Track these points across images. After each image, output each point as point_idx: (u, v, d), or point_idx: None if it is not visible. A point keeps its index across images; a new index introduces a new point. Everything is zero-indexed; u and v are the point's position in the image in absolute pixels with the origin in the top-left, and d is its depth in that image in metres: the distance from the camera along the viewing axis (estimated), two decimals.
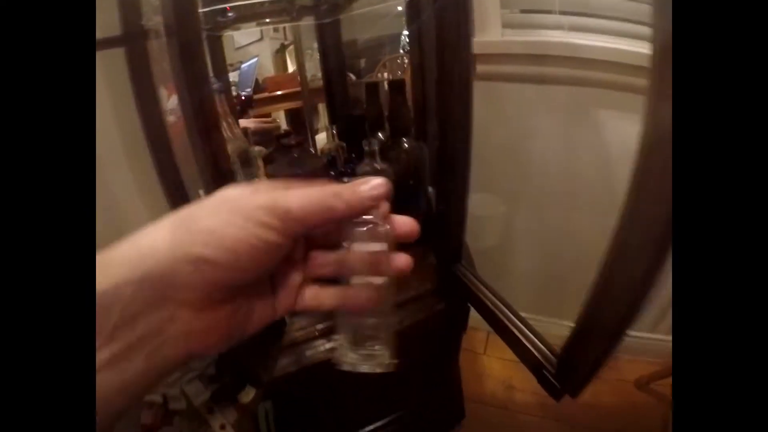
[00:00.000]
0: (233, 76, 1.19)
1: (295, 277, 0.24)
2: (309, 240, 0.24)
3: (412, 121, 0.72)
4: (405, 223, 0.23)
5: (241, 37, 1.28)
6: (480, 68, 0.95)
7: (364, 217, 0.22)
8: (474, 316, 0.80)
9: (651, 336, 1.07)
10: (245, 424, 0.88)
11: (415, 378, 0.78)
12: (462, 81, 0.59)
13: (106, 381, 0.17)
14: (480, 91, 0.67)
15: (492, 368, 1.17)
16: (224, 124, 0.64)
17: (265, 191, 0.20)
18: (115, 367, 0.18)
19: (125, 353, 0.18)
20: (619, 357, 1.10)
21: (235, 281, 0.20)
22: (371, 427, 0.85)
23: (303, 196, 0.20)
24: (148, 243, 0.19)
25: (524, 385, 1.10)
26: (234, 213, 0.19)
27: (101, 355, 0.17)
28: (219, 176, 0.52)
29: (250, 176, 0.56)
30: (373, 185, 0.21)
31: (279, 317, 0.24)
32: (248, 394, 0.89)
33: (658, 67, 0.28)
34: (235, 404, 0.89)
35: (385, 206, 0.22)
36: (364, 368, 0.23)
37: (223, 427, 0.86)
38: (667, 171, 0.26)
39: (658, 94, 0.28)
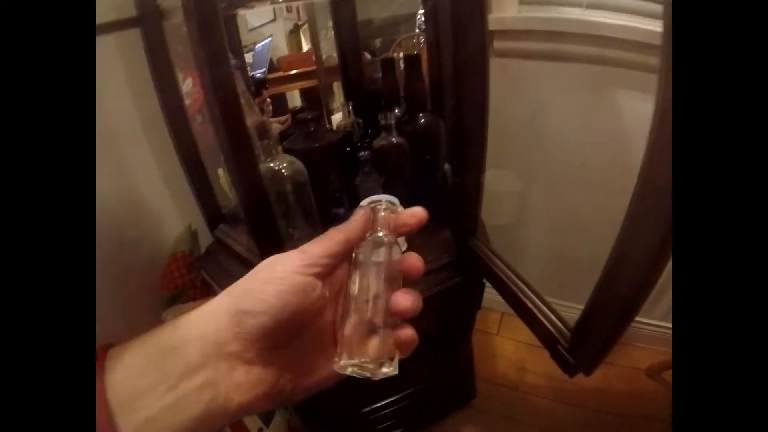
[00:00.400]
0: (247, 58, 1.19)
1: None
2: None
3: (428, 96, 0.72)
4: (413, 214, 0.26)
5: (254, 18, 1.28)
6: (497, 44, 0.93)
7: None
8: (488, 296, 0.80)
9: (664, 325, 1.06)
10: None
11: (428, 353, 0.78)
12: (478, 57, 0.58)
13: (167, 422, 0.20)
14: (496, 68, 0.66)
15: (505, 349, 1.17)
16: (242, 99, 0.65)
17: (292, 251, 0.24)
18: (177, 409, 0.21)
19: (186, 399, 0.21)
20: (632, 344, 1.10)
21: (271, 327, 0.22)
22: (383, 402, 0.87)
23: (318, 239, 0.25)
24: (206, 309, 0.23)
25: (536, 368, 1.10)
26: (266, 272, 0.23)
27: (167, 398, 0.20)
28: (238, 147, 0.52)
29: (266, 147, 0.57)
30: (358, 218, 0.26)
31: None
32: None
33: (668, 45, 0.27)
34: None
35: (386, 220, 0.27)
36: (367, 375, 0.24)
37: None
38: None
39: (668, 72, 0.27)
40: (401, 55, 1.23)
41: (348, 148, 0.70)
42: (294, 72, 1.13)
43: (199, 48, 0.48)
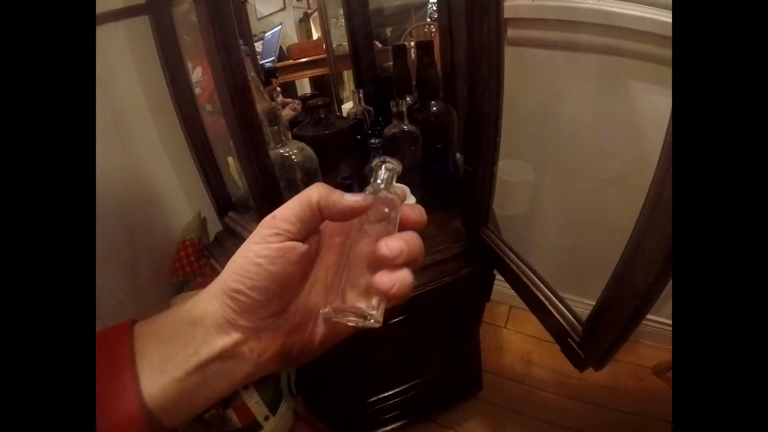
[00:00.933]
0: (257, 47, 1.18)
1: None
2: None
3: (441, 83, 0.71)
4: (413, 211, 0.26)
5: (263, 6, 1.27)
6: (511, 33, 0.92)
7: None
8: (496, 289, 0.79)
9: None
10: (268, 386, 0.91)
11: (436, 343, 0.78)
12: (492, 44, 0.56)
13: (192, 381, 0.23)
14: (511, 56, 0.65)
15: (512, 342, 1.17)
16: (252, 86, 0.64)
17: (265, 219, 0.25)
18: (200, 372, 0.23)
19: (208, 363, 0.23)
20: (640, 342, 1.09)
21: (265, 299, 0.23)
22: (389, 392, 0.87)
23: (284, 206, 0.24)
24: (210, 290, 0.24)
25: (543, 361, 1.10)
26: (245, 248, 0.24)
27: (191, 362, 0.23)
28: (248, 132, 0.52)
29: (276, 133, 0.56)
30: (349, 200, 0.25)
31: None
32: None
33: None
34: None
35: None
36: (351, 322, 0.24)
37: (245, 387, 0.89)
38: None
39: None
40: (412, 43, 1.22)
41: (359, 136, 0.70)
42: (304, 60, 1.13)
43: (210, 34, 0.47)
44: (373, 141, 0.61)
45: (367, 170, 0.64)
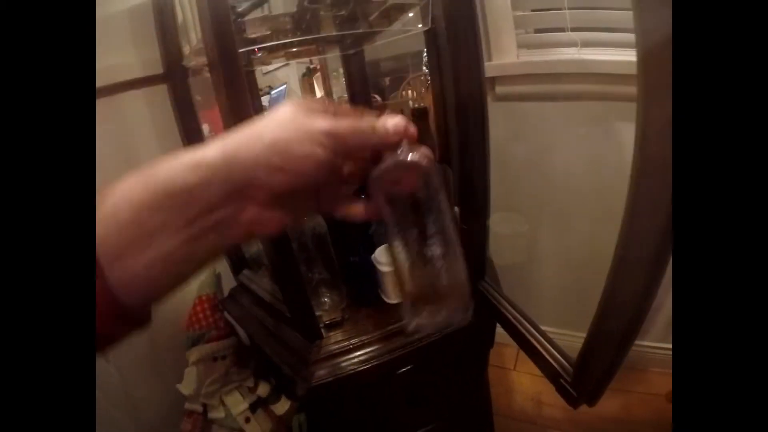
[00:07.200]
0: (264, 101, 1.26)
1: (339, 189, 0.29)
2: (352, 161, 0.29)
3: (436, 144, 0.76)
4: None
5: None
6: (499, 89, 0.98)
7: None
8: (504, 332, 0.81)
9: None
10: None
11: (444, 391, 0.80)
12: (476, 104, 0.62)
13: (183, 253, 0.22)
14: (500, 112, 0.70)
15: (521, 384, 1.17)
16: None
17: (321, 116, 0.24)
18: (192, 243, 0.22)
19: (199, 234, 0.22)
20: (650, 371, 1.09)
21: (296, 186, 0.24)
22: None
23: (351, 127, 0.25)
24: (230, 150, 0.23)
25: (553, 400, 1.09)
26: (299, 131, 0.23)
27: (181, 235, 0.22)
28: None
29: None
30: (396, 123, 0.27)
31: (320, 215, 0.29)
32: (283, 406, 0.93)
33: (643, 72, 0.30)
34: (270, 415, 0.94)
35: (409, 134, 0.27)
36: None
37: None
38: (662, 175, 0.28)
39: (645, 98, 0.30)
40: (411, 93, 1.29)
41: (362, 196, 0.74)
42: None
43: (226, 99, 0.53)
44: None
45: (372, 231, 0.68)
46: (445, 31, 0.60)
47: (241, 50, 0.74)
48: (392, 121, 0.27)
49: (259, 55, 0.83)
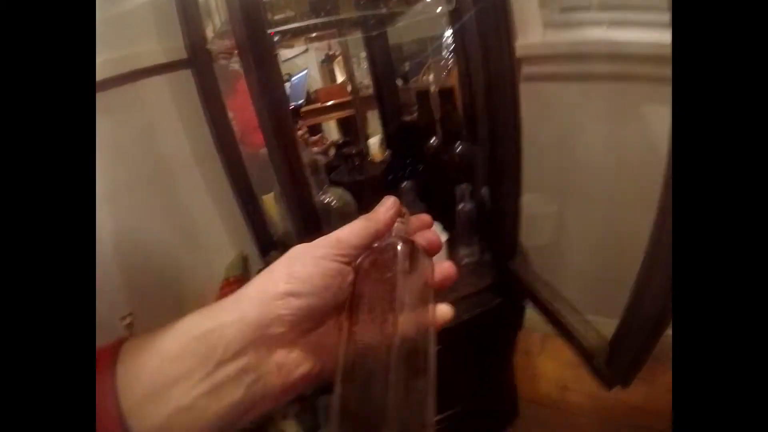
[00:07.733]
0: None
1: None
2: None
3: (463, 125, 0.75)
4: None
5: (287, 49, 1.35)
6: (524, 70, 0.96)
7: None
8: (530, 317, 0.81)
9: None
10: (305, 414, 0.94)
11: (470, 374, 0.80)
12: (508, 85, 0.61)
13: (205, 407, 0.20)
14: (526, 93, 0.68)
15: (547, 369, 1.16)
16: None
17: (324, 238, 0.25)
18: (215, 396, 0.20)
19: (226, 384, 0.21)
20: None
21: (315, 308, 0.23)
22: None
23: (351, 228, 0.25)
24: (243, 293, 0.23)
25: (578, 386, 1.08)
26: (306, 257, 0.24)
27: (203, 385, 0.20)
28: (295, 181, 0.56)
29: (319, 182, 0.62)
30: (388, 206, 0.28)
31: None
32: None
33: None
34: None
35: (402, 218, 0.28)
36: None
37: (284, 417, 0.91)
38: None
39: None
40: (431, 78, 1.27)
41: (389, 177, 0.74)
42: (330, 103, 1.19)
43: (257, 81, 0.51)
44: (404, 184, 0.65)
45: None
46: (473, 9, 0.58)
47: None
48: (386, 205, 0.27)
49: (277, 38, 0.82)
